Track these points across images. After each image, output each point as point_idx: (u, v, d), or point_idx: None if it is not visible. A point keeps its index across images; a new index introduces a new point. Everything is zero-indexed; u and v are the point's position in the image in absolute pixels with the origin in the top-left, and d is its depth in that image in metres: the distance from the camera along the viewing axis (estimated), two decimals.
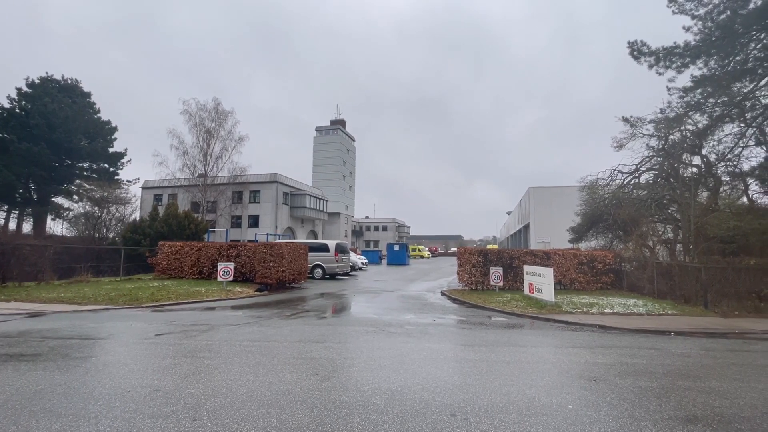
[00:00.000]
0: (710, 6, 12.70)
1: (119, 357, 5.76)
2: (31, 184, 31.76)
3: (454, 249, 79.03)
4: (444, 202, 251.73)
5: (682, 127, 15.67)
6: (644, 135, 16.78)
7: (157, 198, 43.17)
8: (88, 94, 35.13)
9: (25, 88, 31.88)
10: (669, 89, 14.54)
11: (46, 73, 33.70)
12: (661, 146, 16.67)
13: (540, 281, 11.78)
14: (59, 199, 33.81)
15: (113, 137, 35.56)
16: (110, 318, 8.95)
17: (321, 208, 50.28)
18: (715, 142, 15.15)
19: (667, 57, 13.62)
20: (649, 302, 11.78)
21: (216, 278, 14.86)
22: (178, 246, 17.01)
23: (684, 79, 14.37)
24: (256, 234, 39.09)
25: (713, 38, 12.71)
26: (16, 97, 31.43)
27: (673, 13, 13.40)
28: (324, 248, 20.80)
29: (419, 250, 64.69)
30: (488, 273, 14.39)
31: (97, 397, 4.09)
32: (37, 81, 32.52)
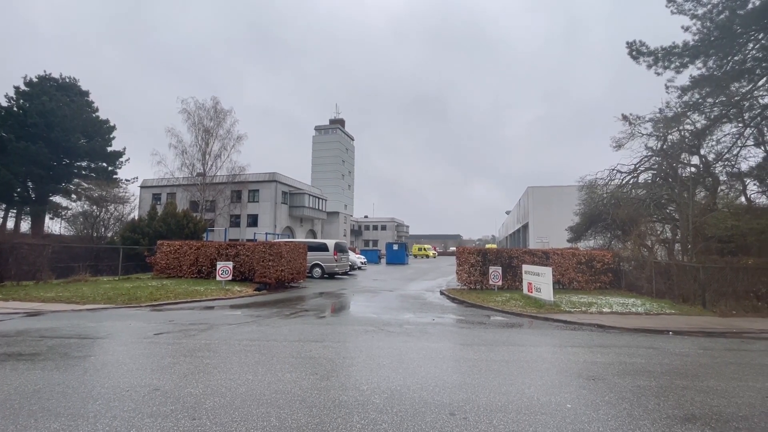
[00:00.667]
0: (709, 6, 12.72)
1: (118, 356, 5.75)
2: (29, 183, 31.67)
3: (453, 248, 79.09)
4: (443, 201, 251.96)
5: (681, 127, 15.71)
6: (643, 135, 16.82)
7: (156, 197, 43.05)
8: (86, 93, 35.03)
9: (23, 87, 31.80)
10: (668, 89, 14.58)
11: (44, 71, 33.65)
12: (659, 146, 16.71)
13: (539, 281, 11.79)
14: (57, 198, 33.76)
15: (111, 136, 35.48)
16: (109, 317, 8.94)
17: (320, 208, 50.24)
18: (714, 142, 15.21)
19: (665, 57, 13.65)
20: (647, 302, 11.81)
21: (215, 277, 14.85)
22: (176, 245, 16.98)
23: (683, 79, 14.41)
24: (254, 233, 39.02)
25: (712, 38, 12.74)
26: (14, 96, 31.36)
27: (672, 13, 13.43)
28: (323, 247, 20.79)
29: (425, 249, 63.22)
30: (487, 272, 14.40)
31: (96, 396, 4.08)
32: (35, 80, 32.43)
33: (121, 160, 35.55)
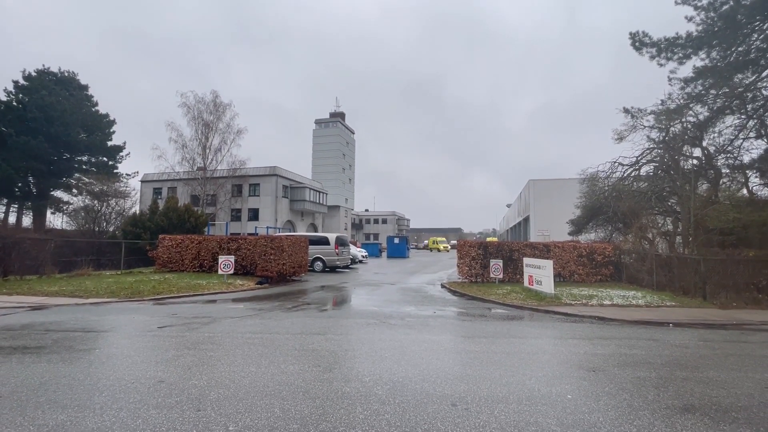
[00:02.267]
0: None
1: (123, 349, 5.81)
2: (30, 178, 31.64)
3: (453, 242, 79.32)
4: (442, 194, 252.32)
5: (683, 119, 15.61)
6: (645, 127, 16.72)
7: (157, 191, 43.07)
8: (86, 87, 34.85)
9: (22, 81, 31.62)
10: (670, 80, 14.46)
11: (43, 65, 33.42)
12: (661, 138, 16.62)
13: (539, 273, 11.82)
14: (58, 193, 33.74)
15: (111, 130, 35.35)
16: (112, 311, 9.00)
17: (321, 201, 50.21)
18: (716, 134, 15.13)
19: (668, 48, 13.52)
20: (648, 294, 11.84)
21: (217, 271, 14.91)
22: (178, 239, 17.03)
23: (686, 71, 14.36)
24: (256, 227, 39.09)
25: (715, 29, 12.60)
26: (13, 90, 31.20)
27: (676, 3, 13.26)
28: (324, 241, 20.83)
29: (436, 242, 64.32)
30: (488, 265, 14.44)
31: (101, 388, 4.13)
32: (33, 74, 32.23)
33: (121, 154, 35.46)
